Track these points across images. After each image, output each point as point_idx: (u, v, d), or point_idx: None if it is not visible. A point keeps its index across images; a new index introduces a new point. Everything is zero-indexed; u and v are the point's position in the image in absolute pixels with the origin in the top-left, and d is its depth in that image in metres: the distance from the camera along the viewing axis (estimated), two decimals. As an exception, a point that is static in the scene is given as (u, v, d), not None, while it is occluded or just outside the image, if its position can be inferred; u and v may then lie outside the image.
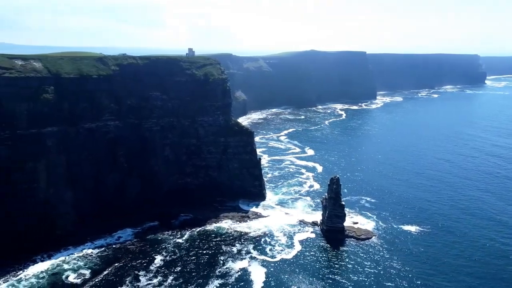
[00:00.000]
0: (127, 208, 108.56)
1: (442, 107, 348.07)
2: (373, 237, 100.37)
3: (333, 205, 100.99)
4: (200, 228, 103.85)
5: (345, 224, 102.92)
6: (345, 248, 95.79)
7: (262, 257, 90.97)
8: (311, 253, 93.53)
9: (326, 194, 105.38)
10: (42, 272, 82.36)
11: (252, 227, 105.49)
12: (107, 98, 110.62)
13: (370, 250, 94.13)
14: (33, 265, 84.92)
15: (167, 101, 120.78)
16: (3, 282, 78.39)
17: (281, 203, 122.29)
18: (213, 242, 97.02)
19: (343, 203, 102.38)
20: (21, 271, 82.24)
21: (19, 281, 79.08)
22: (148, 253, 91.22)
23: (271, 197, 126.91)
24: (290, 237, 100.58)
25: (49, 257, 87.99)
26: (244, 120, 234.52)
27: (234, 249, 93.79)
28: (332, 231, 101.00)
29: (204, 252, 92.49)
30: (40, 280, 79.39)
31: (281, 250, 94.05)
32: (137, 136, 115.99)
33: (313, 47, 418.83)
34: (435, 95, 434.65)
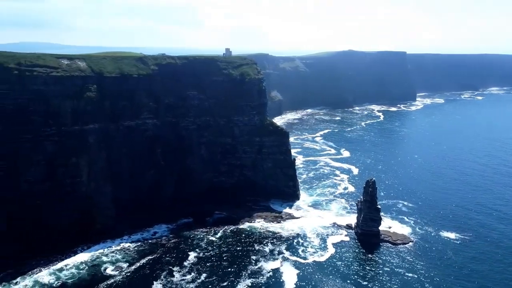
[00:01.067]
0: (163, 204, 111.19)
1: (487, 110, 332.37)
2: (410, 242, 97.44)
3: (368, 208, 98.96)
4: (233, 227, 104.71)
5: (381, 228, 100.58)
6: (380, 253, 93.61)
7: (295, 258, 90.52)
8: (345, 256, 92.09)
9: (361, 197, 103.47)
10: (82, 263, 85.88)
11: (285, 227, 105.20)
12: (146, 97, 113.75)
13: (406, 256, 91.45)
14: (73, 255, 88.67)
15: (204, 100, 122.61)
16: (45, 270, 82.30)
17: (315, 205, 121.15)
18: (246, 241, 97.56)
19: (378, 206, 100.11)
20: (62, 261, 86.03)
21: (60, 270, 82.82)
22: (182, 249, 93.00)
23: (305, 198, 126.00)
24: (323, 239, 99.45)
25: (89, 249, 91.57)
26: (279, 120, 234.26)
27: (267, 249, 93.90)
28: (367, 234, 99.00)
29: (237, 250, 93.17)
30: (81, 271, 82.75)
31: (314, 252, 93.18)
32: (174, 134, 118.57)
33: (350, 47, 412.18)
34: (480, 97, 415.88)
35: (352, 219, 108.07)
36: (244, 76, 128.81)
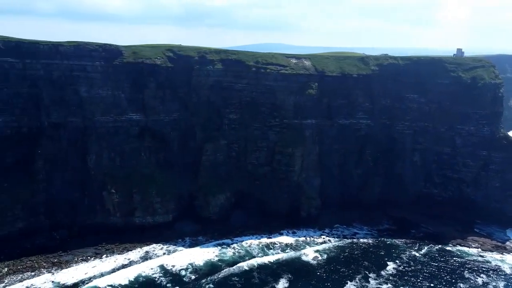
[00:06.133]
0: (366, 205, 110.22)
1: None
2: None
3: None
4: (440, 246, 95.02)
5: None
6: None
7: (517, 301, 75.60)
8: None
9: None
10: (286, 245, 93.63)
11: (507, 260, 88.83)
12: (363, 96, 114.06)
13: None
14: (279, 236, 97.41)
15: (424, 104, 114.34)
16: (255, 243, 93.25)
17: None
18: (454, 265, 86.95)
19: None
20: (269, 239, 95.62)
21: (268, 247, 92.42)
22: (381, 256, 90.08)
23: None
24: None
25: (293, 234, 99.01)
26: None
27: (479, 280, 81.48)
28: None
29: (442, 273, 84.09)
30: (285, 253, 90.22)
31: (546, 301, 75.54)
32: (386, 136, 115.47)
33: None
34: None
35: None
36: (476, 80, 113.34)
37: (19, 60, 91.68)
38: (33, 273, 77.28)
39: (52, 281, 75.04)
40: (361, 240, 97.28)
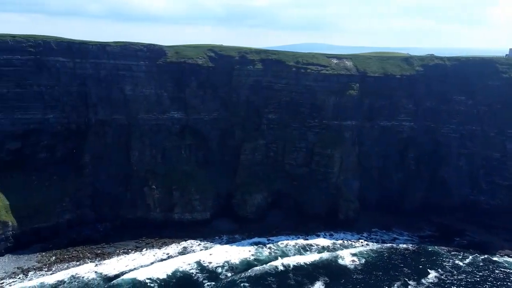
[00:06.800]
0: (407, 209, 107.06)
1: None
2: None
3: None
4: (486, 256, 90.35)
5: None
6: None
7: None
8: None
9: None
10: (323, 247, 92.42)
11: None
12: (406, 98, 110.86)
13: None
14: (316, 238, 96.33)
15: (472, 106, 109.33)
16: (291, 244, 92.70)
17: None
18: (501, 277, 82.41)
19: None
20: (306, 241, 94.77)
21: (304, 249, 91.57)
22: (422, 264, 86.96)
23: None
24: None
25: (331, 236, 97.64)
26: None
27: (530, 295, 76.89)
28: None
29: (487, 284, 79.95)
30: (322, 255, 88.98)
31: None
32: (430, 140, 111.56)
33: None
34: None
35: None
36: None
37: (70, 59, 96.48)
38: (78, 263, 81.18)
39: (95, 271, 78.35)
40: (401, 245, 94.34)
